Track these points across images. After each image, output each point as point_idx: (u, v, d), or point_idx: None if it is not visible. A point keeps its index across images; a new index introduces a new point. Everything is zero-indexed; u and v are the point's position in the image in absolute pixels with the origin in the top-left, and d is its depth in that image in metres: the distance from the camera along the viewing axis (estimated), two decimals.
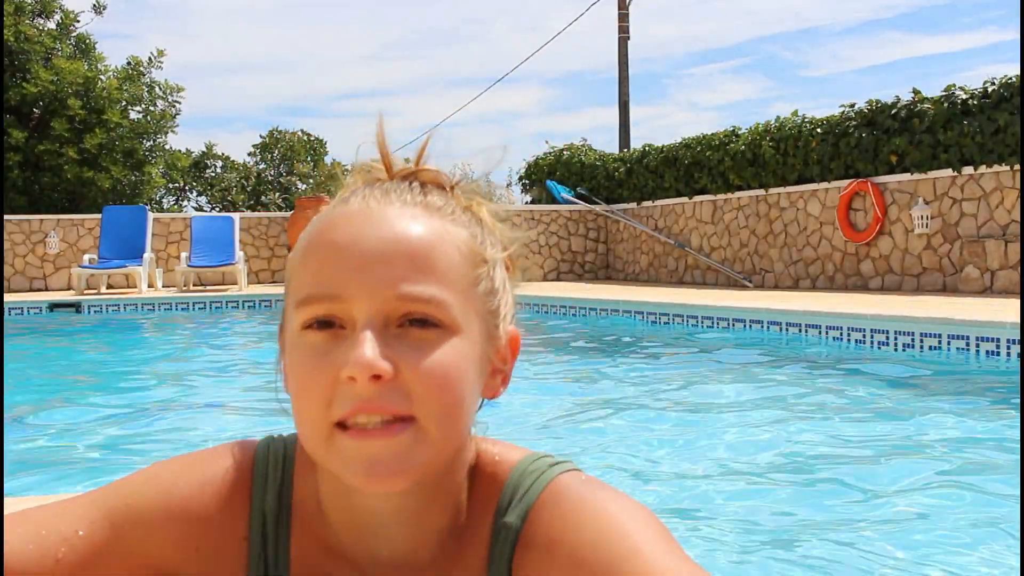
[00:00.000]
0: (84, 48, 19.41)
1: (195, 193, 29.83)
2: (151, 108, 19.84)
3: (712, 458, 3.73)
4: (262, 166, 31.35)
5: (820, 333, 7.15)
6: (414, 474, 0.77)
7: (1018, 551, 2.46)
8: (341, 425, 0.76)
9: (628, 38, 20.19)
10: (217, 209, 28.82)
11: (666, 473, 3.55)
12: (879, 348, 6.62)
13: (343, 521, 0.85)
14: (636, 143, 18.41)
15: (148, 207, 18.22)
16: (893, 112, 10.65)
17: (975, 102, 9.74)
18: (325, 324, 0.77)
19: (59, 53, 18.85)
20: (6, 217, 14.59)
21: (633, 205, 15.29)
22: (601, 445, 4.02)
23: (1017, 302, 7.62)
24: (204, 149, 29.43)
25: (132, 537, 0.86)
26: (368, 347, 0.74)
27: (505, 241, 0.89)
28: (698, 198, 13.84)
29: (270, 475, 0.88)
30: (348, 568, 0.86)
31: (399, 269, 0.77)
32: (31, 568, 0.83)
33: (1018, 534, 2.58)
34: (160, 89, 19.87)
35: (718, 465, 3.61)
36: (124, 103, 19.09)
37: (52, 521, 0.86)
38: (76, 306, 11.62)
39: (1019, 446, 3.56)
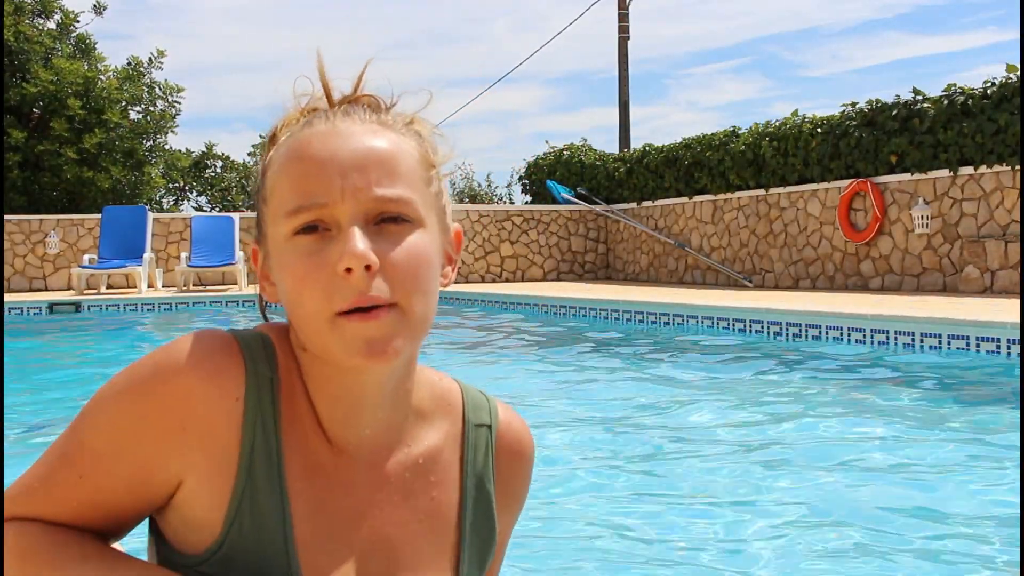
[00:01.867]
0: (84, 48, 19.40)
1: (195, 193, 29.81)
2: (151, 108, 19.83)
3: (712, 457, 3.73)
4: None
5: (820, 333, 7.15)
6: (402, 350, 0.89)
7: (1019, 550, 2.46)
8: (340, 313, 0.87)
9: (628, 38, 20.19)
10: (217, 209, 28.81)
11: (666, 472, 3.55)
12: (879, 348, 6.61)
13: (330, 406, 0.96)
14: (636, 143, 18.43)
15: (148, 207, 18.21)
16: (893, 112, 10.64)
17: (975, 102, 9.74)
18: (312, 228, 0.89)
19: (59, 53, 18.83)
20: (6, 217, 14.58)
21: (633, 205, 15.29)
22: (601, 444, 4.02)
23: (1017, 302, 7.61)
24: (204, 149, 29.42)
25: (126, 458, 0.91)
26: (359, 241, 0.87)
27: (441, 150, 1.02)
28: (698, 198, 13.84)
29: (255, 349, 0.95)
30: (330, 448, 0.97)
31: (373, 175, 0.90)
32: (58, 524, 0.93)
33: (1018, 534, 2.58)
34: (160, 89, 19.86)
35: (717, 464, 3.61)
36: (124, 103, 19.07)
37: (51, 480, 0.94)
38: (76, 306, 11.62)
39: (1019, 446, 3.55)
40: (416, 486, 1.02)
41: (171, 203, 28.43)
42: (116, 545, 0.99)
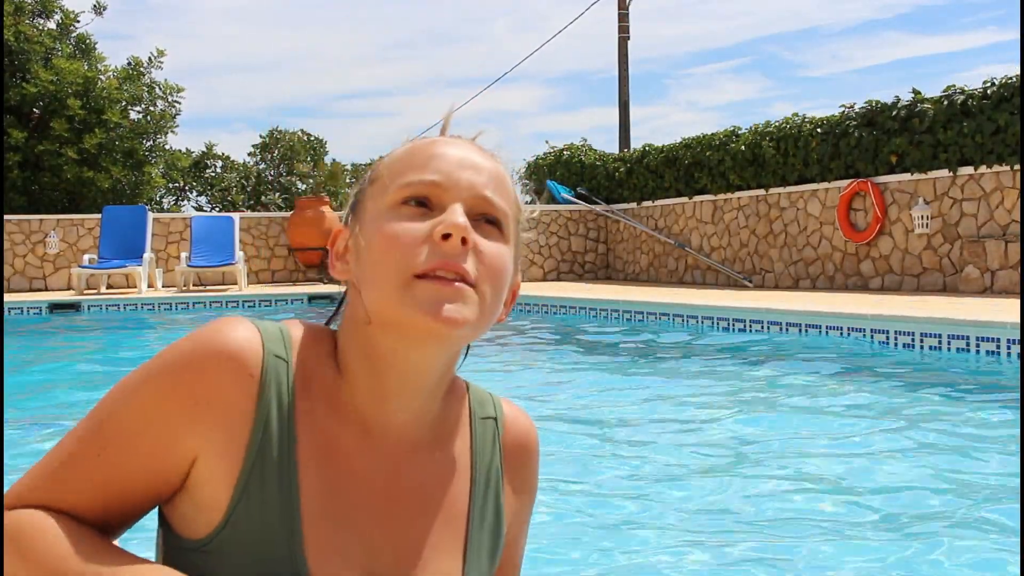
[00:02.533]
0: (84, 48, 19.40)
1: (195, 193, 29.80)
2: (151, 108, 19.83)
3: (712, 457, 3.73)
4: (262, 166, 31.32)
5: (820, 333, 7.15)
6: (467, 325, 0.93)
7: (1018, 551, 2.46)
8: (418, 276, 0.92)
9: (628, 38, 20.19)
10: (217, 209, 28.80)
11: (665, 472, 3.55)
12: (879, 348, 6.61)
13: (370, 388, 0.99)
14: (636, 143, 18.43)
15: (148, 207, 18.20)
16: (893, 112, 10.65)
17: (975, 102, 9.74)
18: (419, 203, 0.96)
19: (59, 53, 18.83)
20: (6, 217, 14.58)
21: (633, 205, 15.29)
22: (601, 444, 4.02)
23: (1017, 302, 7.61)
24: (204, 149, 29.41)
25: (146, 437, 0.93)
26: (461, 216, 0.94)
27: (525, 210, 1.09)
28: (698, 198, 13.84)
29: (272, 333, 0.98)
30: (356, 430, 0.99)
31: (486, 179, 0.98)
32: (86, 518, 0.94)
33: (1018, 534, 2.58)
34: (160, 89, 19.86)
35: (717, 464, 3.61)
36: (124, 103, 19.07)
37: (70, 469, 0.94)
38: (76, 306, 11.62)
39: (1019, 446, 3.56)
40: (431, 477, 1.04)
41: (171, 203, 28.42)
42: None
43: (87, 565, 0.90)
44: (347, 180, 29.99)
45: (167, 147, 21.27)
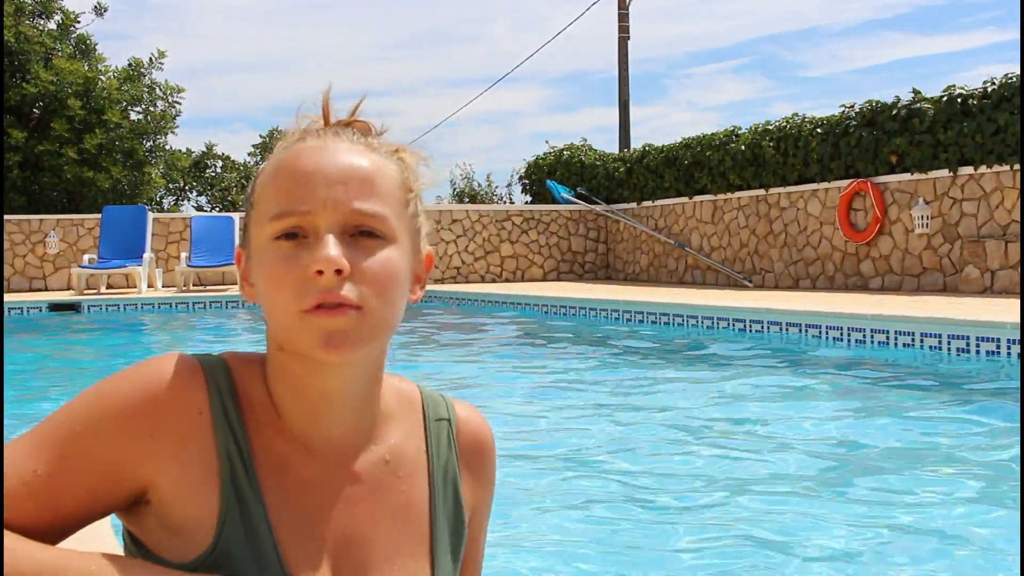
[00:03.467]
0: (84, 48, 19.40)
1: (195, 193, 29.81)
2: (151, 108, 19.83)
3: (711, 457, 3.73)
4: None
5: (820, 333, 7.15)
6: (359, 346, 0.96)
7: (1018, 550, 2.46)
8: (306, 311, 0.94)
9: (628, 38, 20.19)
10: (217, 209, 28.80)
11: (665, 471, 3.55)
12: (879, 348, 6.61)
13: (299, 410, 1.02)
14: (636, 143, 18.42)
15: (148, 207, 18.20)
16: (893, 112, 10.64)
17: (975, 102, 9.74)
18: (291, 235, 0.97)
19: (59, 53, 18.83)
20: (6, 217, 14.58)
21: (633, 205, 15.29)
22: (600, 444, 4.02)
23: (1017, 302, 7.61)
24: (204, 149, 29.42)
25: (88, 456, 0.96)
26: (332, 248, 0.94)
27: (422, 177, 1.09)
28: (698, 198, 13.84)
29: (214, 366, 1.02)
30: (301, 448, 1.03)
31: (353, 190, 0.98)
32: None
33: (1018, 533, 2.58)
34: (160, 90, 19.85)
35: (717, 464, 3.61)
36: (124, 103, 19.07)
37: (11, 471, 0.95)
38: (76, 306, 11.61)
39: (1019, 446, 3.56)
40: (386, 481, 1.07)
41: (171, 203, 28.42)
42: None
43: (42, 551, 0.92)
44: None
45: (167, 147, 21.26)
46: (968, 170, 9.90)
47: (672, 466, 3.65)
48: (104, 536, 1.79)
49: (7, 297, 12.32)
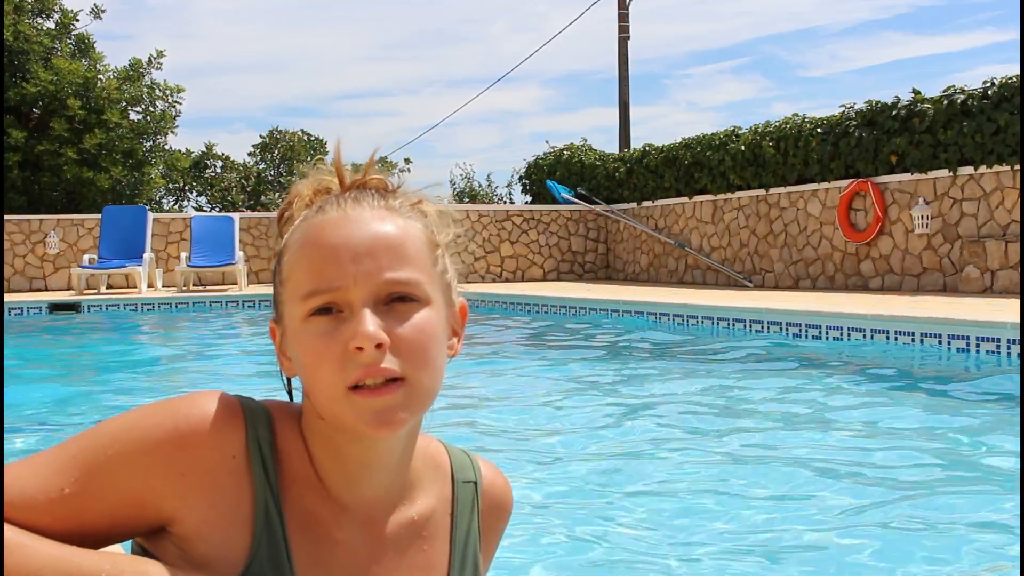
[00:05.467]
0: (84, 48, 19.40)
1: (195, 193, 29.81)
2: (151, 108, 19.83)
3: (710, 457, 3.73)
4: (262, 166, 31.33)
5: (820, 333, 7.15)
6: (408, 419, 0.97)
7: (1019, 550, 2.46)
8: (352, 387, 0.95)
9: (628, 38, 20.19)
10: (217, 209, 28.80)
11: (665, 471, 3.55)
12: (879, 348, 6.61)
13: (337, 472, 1.03)
14: (636, 143, 18.41)
15: (148, 207, 18.20)
16: (893, 112, 10.65)
17: (975, 102, 9.74)
18: (326, 311, 0.96)
19: (58, 53, 18.83)
20: (6, 217, 14.58)
21: (633, 205, 15.29)
22: (600, 444, 4.02)
23: (1017, 302, 7.61)
24: (204, 149, 29.42)
25: (117, 483, 0.95)
26: (370, 322, 0.94)
27: (447, 228, 1.10)
28: (698, 198, 13.84)
29: (257, 414, 1.03)
30: (332, 505, 1.04)
31: (383, 260, 0.97)
32: (21, 523, 0.93)
33: (1018, 533, 2.58)
34: (160, 90, 19.85)
35: (716, 463, 3.61)
36: (124, 103, 19.07)
37: (35, 481, 0.95)
38: (76, 306, 11.61)
39: (1019, 445, 3.56)
40: (412, 543, 1.09)
41: (171, 203, 28.43)
42: None
43: (64, 550, 0.92)
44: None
45: (167, 147, 21.27)
46: (968, 170, 9.90)
47: (672, 466, 3.65)
48: None
49: (7, 297, 12.32)
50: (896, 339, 6.56)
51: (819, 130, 11.63)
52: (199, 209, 29.03)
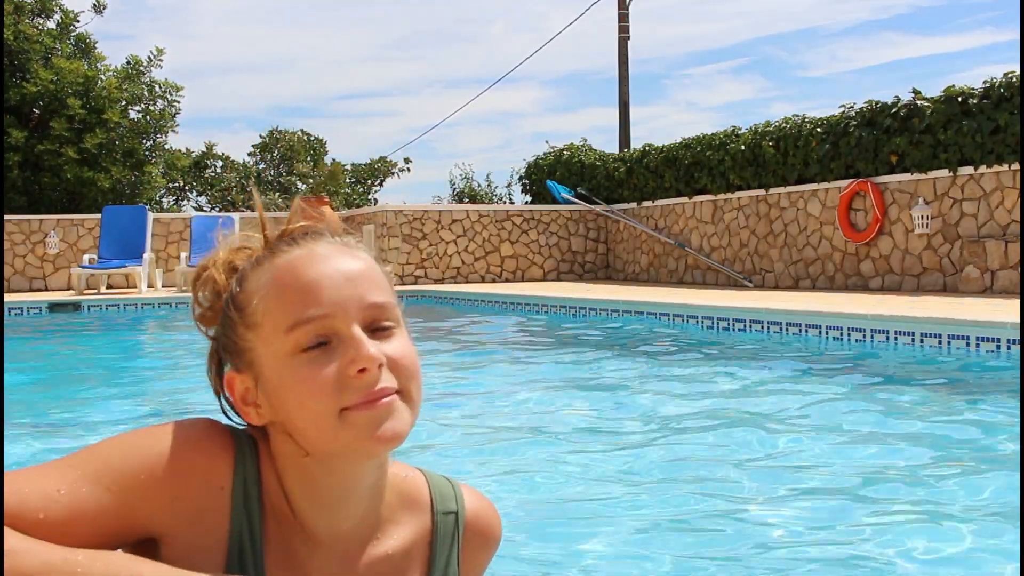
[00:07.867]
0: (84, 48, 19.40)
1: (195, 193, 29.81)
2: (151, 108, 19.82)
3: (710, 457, 3.73)
4: (262, 166, 31.32)
5: (820, 333, 7.15)
6: (407, 432, 1.00)
7: (1019, 550, 2.46)
8: (346, 408, 0.96)
9: (628, 38, 20.19)
10: (217, 209, 28.80)
11: (665, 471, 3.56)
12: (879, 348, 6.62)
13: (311, 504, 1.05)
14: (636, 143, 18.42)
15: (148, 207, 18.19)
16: (893, 112, 10.65)
17: (975, 102, 9.74)
18: (318, 344, 0.98)
19: (59, 53, 18.83)
20: (6, 217, 14.58)
21: (633, 205, 15.30)
22: (600, 444, 4.02)
23: (1017, 302, 7.62)
24: (204, 149, 29.41)
25: (110, 495, 0.97)
26: (369, 345, 0.97)
27: (382, 262, 1.14)
28: (698, 198, 13.84)
29: (245, 448, 1.04)
30: (309, 540, 1.06)
31: (362, 287, 1.02)
32: (14, 525, 0.93)
33: (1018, 533, 2.59)
34: (160, 89, 19.85)
35: (716, 463, 3.61)
36: (124, 103, 19.07)
37: (33, 481, 0.95)
38: (76, 306, 11.62)
39: (1019, 445, 3.56)
40: (385, 573, 1.10)
41: (171, 203, 28.43)
42: None
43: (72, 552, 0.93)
44: (347, 180, 29.98)
45: (167, 147, 21.27)
46: (968, 170, 9.90)
47: (672, 465, 3.65)
48: None
49: (7, 297, 12.33)
50: (896, 339, 6.56)
51: (819, 130, 11.63)
52: (199, 209, 29.04)
